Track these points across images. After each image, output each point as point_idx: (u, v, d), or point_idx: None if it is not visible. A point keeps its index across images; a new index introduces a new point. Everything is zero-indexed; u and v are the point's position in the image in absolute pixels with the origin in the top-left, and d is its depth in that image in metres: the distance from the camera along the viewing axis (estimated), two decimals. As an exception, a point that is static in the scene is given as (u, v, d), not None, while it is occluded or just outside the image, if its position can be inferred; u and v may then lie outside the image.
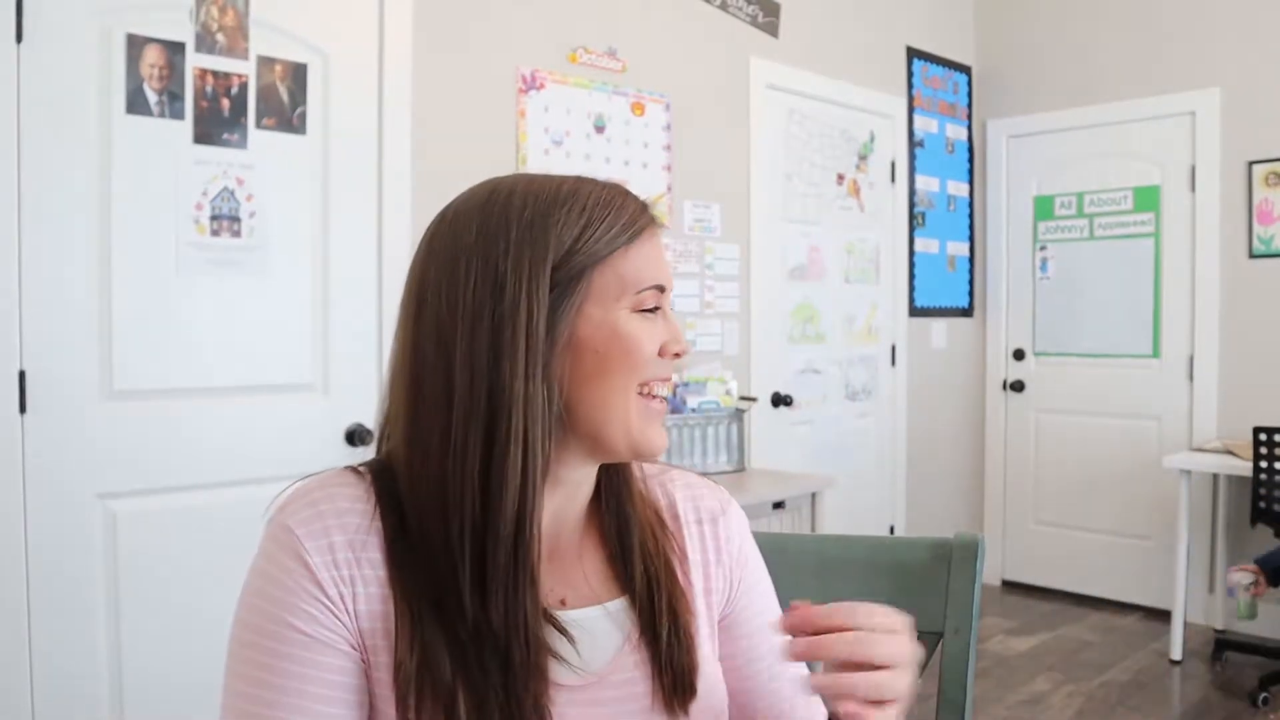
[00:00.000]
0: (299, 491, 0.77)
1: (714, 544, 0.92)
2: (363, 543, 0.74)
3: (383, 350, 2.53)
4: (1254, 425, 3.41)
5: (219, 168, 2.25)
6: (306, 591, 0.72)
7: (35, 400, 2.02)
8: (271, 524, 0.76)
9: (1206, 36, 4.03)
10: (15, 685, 1.99)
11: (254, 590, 0.74)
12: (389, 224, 2.55)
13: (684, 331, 0.90)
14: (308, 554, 0.72)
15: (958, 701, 1.03)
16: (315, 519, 0.74)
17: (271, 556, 0.74)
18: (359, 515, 0.75)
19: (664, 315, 0.83)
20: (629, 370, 0.79)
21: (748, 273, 3.57)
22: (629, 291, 0.80)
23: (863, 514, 4.09)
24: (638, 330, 0.80)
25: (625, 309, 0.80)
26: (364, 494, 0.77)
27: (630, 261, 0.80)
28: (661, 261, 0.83)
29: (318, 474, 0.80)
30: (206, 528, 2.23)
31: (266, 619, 0.72)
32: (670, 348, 0.82)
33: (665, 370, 0.82)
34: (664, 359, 0.81)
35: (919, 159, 4.36)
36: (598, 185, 0.83)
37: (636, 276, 0.80)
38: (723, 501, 0.96)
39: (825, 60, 3.89)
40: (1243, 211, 3.97)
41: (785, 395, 3.72)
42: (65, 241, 2.05)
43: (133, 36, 2.12)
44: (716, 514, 0.94)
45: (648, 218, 0.83)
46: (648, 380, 0.80)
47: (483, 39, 2.79)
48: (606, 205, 0.81)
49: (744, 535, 0.95)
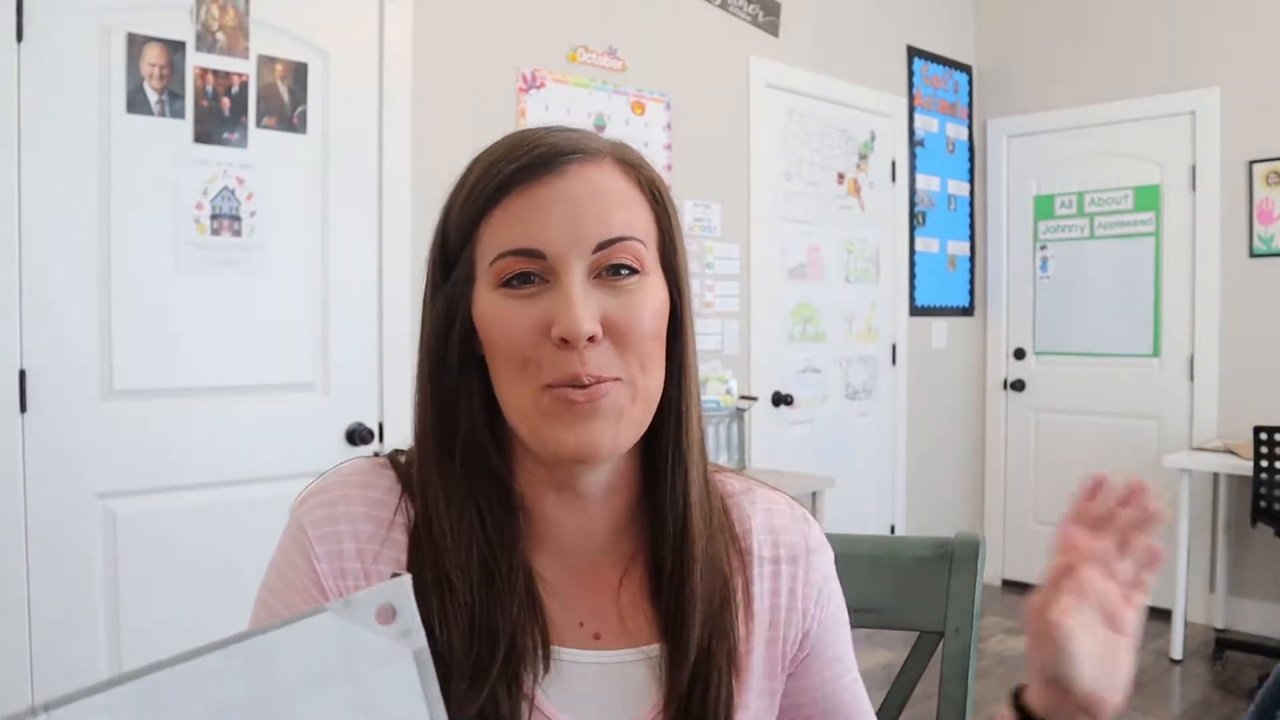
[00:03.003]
0: (319, 488, 0.74)
1: (789, 585, 0.78)
2: (374, 554, 0.71)
3: (383, 350, 2.53)
4: (1254, 425, 3.41)
5: (219, 167, 2.25)
6: (308, 593, 0.71)
7: (35, 400, 2.01)
8: (291, 516, 0.75)
9: (1206, 36, 4.03)
10: (15, 684, 1.99)
11: (266, 580, 0.75)
12: (389, 224, 2.55)
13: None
14: (316, 559, 0.71)
15: (958, 701, 1.03)
16: (328, 521, 0.72)
17: (285, 551, 0.74)
18: (374, 522, 0.72)
19: (555, 290, 0.66)
20: (509, 362, 0.67)
21: (748, 272, 3.57)
22: (486, 263, 0.68)
23: (863, 514, 4.09)
24: (503, 313, 0.67)
25: (489, 286, 0.68)
26: (385, 495, 0.73)
27: (494, 225, 0.67)
28: (539, 219, 0.66)
29: (344, 465, 0.76)
30: (206, 527, 2.23)
31: (269, 611, 0.73)
32: (553, 331, 0.65)
33: (556, 363, 0.65)
34: (555, 348, 0.65)
35: (919, 158, 4.35)
36: (512, 136, 0.71)
37: (493, 242, 0.67)
38: (808, 537, 0.81)
39: (825, 59, 3.89)
40: (1243, 211, 3.97)
41: (785, 395, 3.72)
42: (65, 241, 2.05)
43: (133, 36, 2.12)
44: (799, 552, 0.79)
45: (522, 167, 0.67)
46: (545, 378, 0.66)
47: (483, 38, 2.78)
48: (486, 159, 0.70)
49: (828, 578, 0.81)
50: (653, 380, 0.69)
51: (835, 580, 0.82)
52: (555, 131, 0.70)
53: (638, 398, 0.68)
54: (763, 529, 0.79)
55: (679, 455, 0.72)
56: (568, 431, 0.66)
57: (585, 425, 0.66)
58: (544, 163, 0.67)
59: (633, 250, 0.67)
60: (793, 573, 0.78)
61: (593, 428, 0.66)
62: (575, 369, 0.65)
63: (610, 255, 0.67)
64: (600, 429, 0.66)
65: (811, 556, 0.80)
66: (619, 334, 0.67)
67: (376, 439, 2.50)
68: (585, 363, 0.65)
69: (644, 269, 0.69)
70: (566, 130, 0.71)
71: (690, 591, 0.71)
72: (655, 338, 0.69)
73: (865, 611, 1.05)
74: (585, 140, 0.70)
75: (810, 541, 0.81)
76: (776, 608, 0.78)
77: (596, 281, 0.67)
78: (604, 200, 0.67)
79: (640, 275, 0.68)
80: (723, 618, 0.73)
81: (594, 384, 0.65)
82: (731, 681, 0.72)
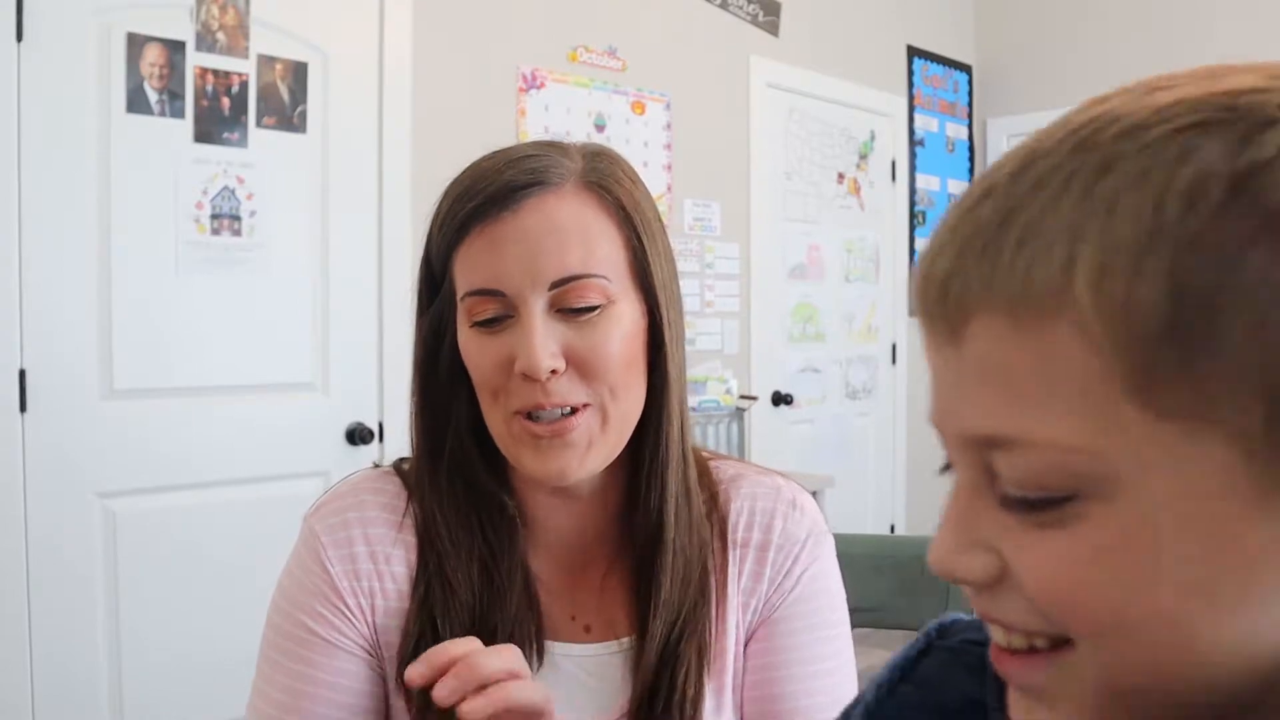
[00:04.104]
0: (332, 496, 0.77)
1: (756, 569, 0.77)
2: (386, 555, 0.74)
3: (383, 349, 2.53)
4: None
5: (219, 166, 2.25)
6: (324, 596, 0.73)
7: (35, 399, 2.01)
8: (304, 524, 0.77)
9: (1206, 36, 4.03)
10: (15, 684, 1.99)
11: (281, 586, 0.76)
12: (389, 223, 2.55)
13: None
14: (330, 562, 0.73)
15: (958, 701, 1.03)
16: (341, 528, 0.74)
17: (300, 557, 0.76)
18: (385, 525, 0.75)
19: (518, 325, 0.66)
20: (482, 391, 0.69)
21: (748, 272, 3.57)
22: (459, 297, 0.69)
23: (863, 513, 4.09)
24: (474, 347, 0.69)
25: (464, 320, 0.69)
26: (394, 499, 0.76)
27: (461, 261, 0.69)
28: (496, 258, 0.66)
29: (353, 475, 0.79)
30: (206, 527, 2.23)
31: (284, 616, 0.74)
32: (515, 366, 0.66)
33: (520, 393, 0.67)
34: (520, 380, 0.66)
35: (919, 158, 4.35)
36: (477, 165, 0.70)
37: (462, 279, 0.69)
38: (790, 522, 0.78)
39: (825, 59, 3.89)
40: (1243, 211, 3.97)
41: (785, 394, 3.72)
42: (65, 240, 2.05)
43: (133, 35, 2.12)
44: (772, 537, 0.77)
45: (478, 206, 0.67)
46: (512, 405, 0.68)
47: (483, 38, 2.78)
48: (452, 193, 0.70)
49: (808, 567, 0.77)
50: (625, 403, 0.70)
51: (824, 575, 0.79)
52: (518, 160, 0.69)
53: (609, 423, 0.69)
54: (744, 514, 0.78)
55: (655, 470, 0.73)
56: (534, 459, 0.68)
57: (553, 455, 0.67)
58: (498, 201, 0.67)
59: (591, 288, 0.67)
60: (765, 558, 0.77)
61: (560, 456, 0.67)
62: (538, 399, 0.66)
63: (566, 295, 0.67)
64: (567, 458, 0.68)
65: (791, 545, 0.78)
66: (583, 365, 0.68)
67: (376, 439, 2.50)
68: (549, 394, 0.66)
69: (609, 299, 0.68)
70: (532, 155, 0.70)
71: (658, 590, 0.72)
72: (626, 363, 0.69)
73: (865, 611, 1.05)
74: (548, 168, 0.69)
75: (792, 529, 0.78)
76: (748, 591, 0.77)
77: (559, 315, 0.67)
78: (560, 235, 0.67)
79: (604, 307, 0.68)
80: (696, 616, 0.73)
81: (561, 417, 0.67)
82: (702, 678, 0.72)
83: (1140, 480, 0.29)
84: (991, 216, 0.31)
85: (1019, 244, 0.30)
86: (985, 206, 0.32)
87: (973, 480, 0.34)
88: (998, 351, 0.31)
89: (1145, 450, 0.29)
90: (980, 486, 0.33)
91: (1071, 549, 0.30)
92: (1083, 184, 0.29)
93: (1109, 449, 0.29)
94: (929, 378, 0.35)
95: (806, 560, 0.78)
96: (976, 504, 0.34)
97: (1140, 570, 0.29)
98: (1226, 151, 0.28)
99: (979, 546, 0.34)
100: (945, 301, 0.32)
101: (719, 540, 0.77)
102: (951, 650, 0.47)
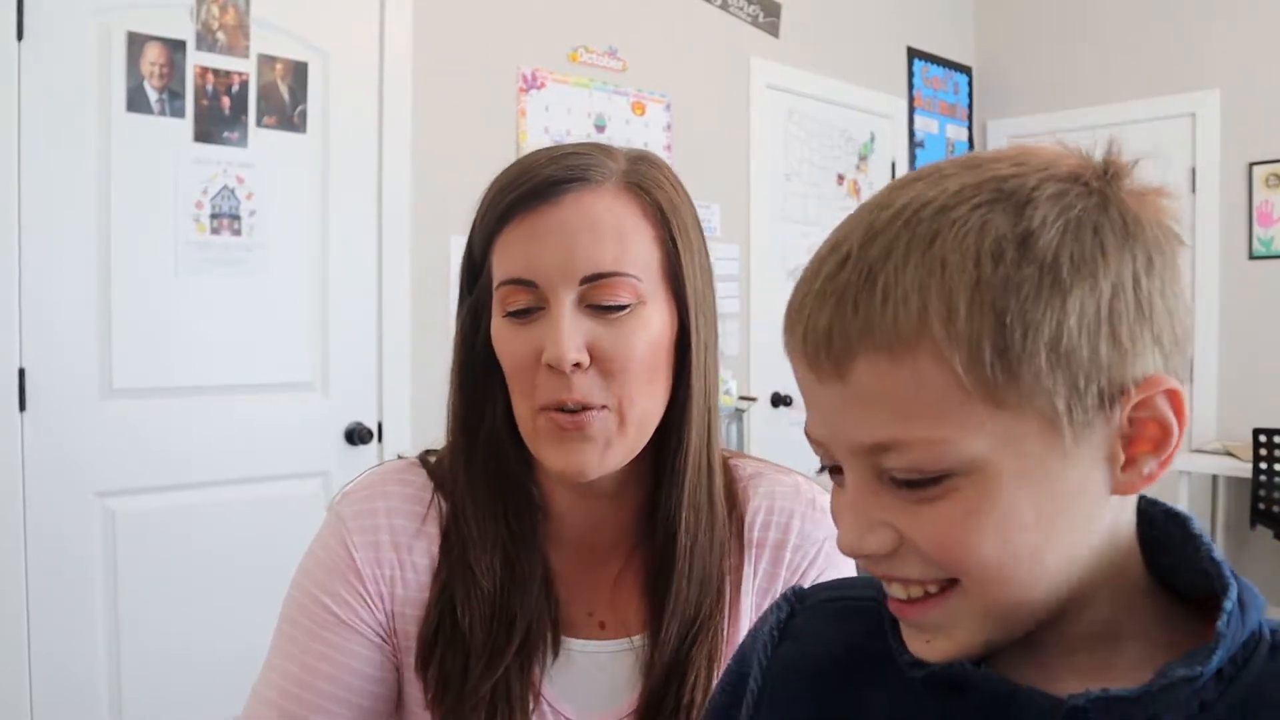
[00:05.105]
0: (361, 484, 0.79)
1: (771, 569, 0.77)
2: (409, 546, 0.75)
3: (382, 349, 2.53)
4: (1253, 427, 3.41)
5: (219, 166, 2.25)
6: (346, 579, 0.74)
7: (35, 398, 2.01)
8: (331, 510, 0.78)
9: (1206, 37, 4.03)
10: (15, 683, 1.99)
11: (303, 567, 0.77)
12: (389, 223, 2.54)
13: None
14: (355, 548, 0.75)
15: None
16: (368, 515, 0.76)
17: (324, 540, 0.77)
18: (409, 516, 0.76)
19: (548, 317, 0.67)
20: (513, 381, 0.70)
21: (747, 273, 3.57)
22: (495, 285, 0.70)
23: (862, 514, 4.09)
24: (506, 337, 0.69)
25: (499, 309, 0.70)
26: (419, 491, 0.77)
27: (500, 250, 0.70)
28: (534, 249, 0.67)
29: (380, 465, 0.81)
30: (206, 526, 2.23)
31: (305, 594, 0.75)
32: (542, 358, 0.67)
33: (546, 386, 0.67)
34: (546, 372, 0.67)
35: (919, 159, 4.35)
36: (524, 159, 0.72)
37: (499, 268, 0.70)
38: (808, 522, 0.78)
39: (825, 60, 3.89)
40: (1243, 213, 3.97)
41: (785, 395, 3.72)
42: (65, 240, 2.05)
43: (133, 35, 2.12)
44: (789, 536, 0.77)
45: (520, 196, 0.68)
46: (538, 400, 0.68)
47: (483, 38, 2.78)
48: (498, 184, 0.71)
49: (834, 573, 0.76)
50: (643, 407, 0.70)
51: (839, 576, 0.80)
52: (562, 157, 0.70)
53: (626, 425, 0.69)
54: (762, 513, 0.78)
55: (674, 479, 0.73)
56: (555, 453, 0.68)
57: (573, 448, 0.68)
58: (539, 193, 0.68)
59: (622, 286, 0.68)
60: (781, 558, 0.78)
61: (580, 450, 0.68)
62: (562, 394, 0.67)
63: (597, 291, 0.67)
64: (586, 453, 0.68)
65: (808, 546, 0.78)
66: (606, 363, 0.68)
67: (376, 439, 2.50)
68: (572, 389, 0.67)
69: (639, 299, 0.69)
70: (577, 153, 0.71)
71: (672, 593, 0.73)
72: (649, 366, 0.69)
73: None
74: (591, 166, 0.70)
75: (810, 529, 0.78)
76: (762, 591, 0.77)
77: (588, 310, 0.68)
78: (596, 231, 0.68)
79: (634, 307, 0.68)
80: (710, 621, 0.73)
81: (580, 410, 0.67)
82: (710, 686, 0.72)
83: (990, 455, 0.41)
84: (855, 279, 0.42)
85: (884, 299, 0.41)
86: (847, 270, 0.43)
87: (864, 478, 0.44)
88: (881, 381, 0.41)
89: (990, 434, 0.40)
90: (871, 481, 0.44)
91: (951, 513, 0.42)
92: (920, 250, 0.41)
93: (966, 437, 0.40)
94: (804, 402, 0.46)
95: (823, 563, 0.78)
96: (870, 495, 0.44)
97: (1002, 518, 0.41)
98: (1009, 221, 0.40)
99: (879, 526, 0.44)
100: (830, 347, 0.42)
101: (735, 539, 0.77)
102: (813, 609, 0.57)
